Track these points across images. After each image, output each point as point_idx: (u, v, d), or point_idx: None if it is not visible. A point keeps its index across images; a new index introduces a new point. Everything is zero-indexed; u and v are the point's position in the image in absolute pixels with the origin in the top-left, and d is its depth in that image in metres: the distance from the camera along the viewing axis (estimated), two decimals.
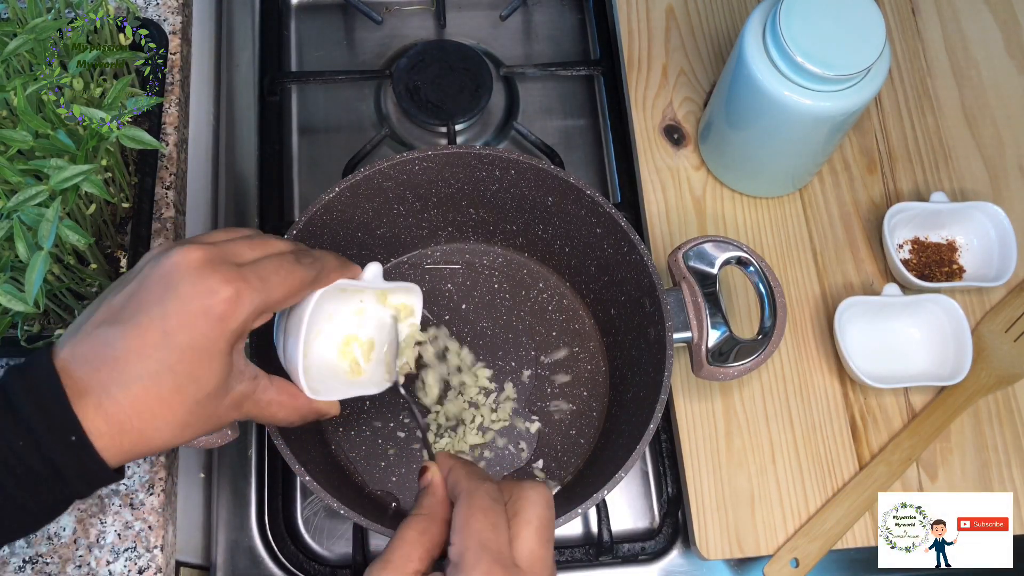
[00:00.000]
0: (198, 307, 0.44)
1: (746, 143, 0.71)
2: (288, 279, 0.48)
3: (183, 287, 0.44)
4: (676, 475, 0.72)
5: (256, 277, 0.46)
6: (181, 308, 0.44)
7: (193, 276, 0.44)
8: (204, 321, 0.44)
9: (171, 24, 0.76)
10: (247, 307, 0.45)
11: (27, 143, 0.54)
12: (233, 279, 0.45)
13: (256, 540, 0.69)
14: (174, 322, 0.44)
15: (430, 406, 0.70)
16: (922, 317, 0.72)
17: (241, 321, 0.45)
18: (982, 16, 0.86)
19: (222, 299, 0.44)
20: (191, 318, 0.44)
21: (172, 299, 0.44)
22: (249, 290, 0.45)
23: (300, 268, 0.50)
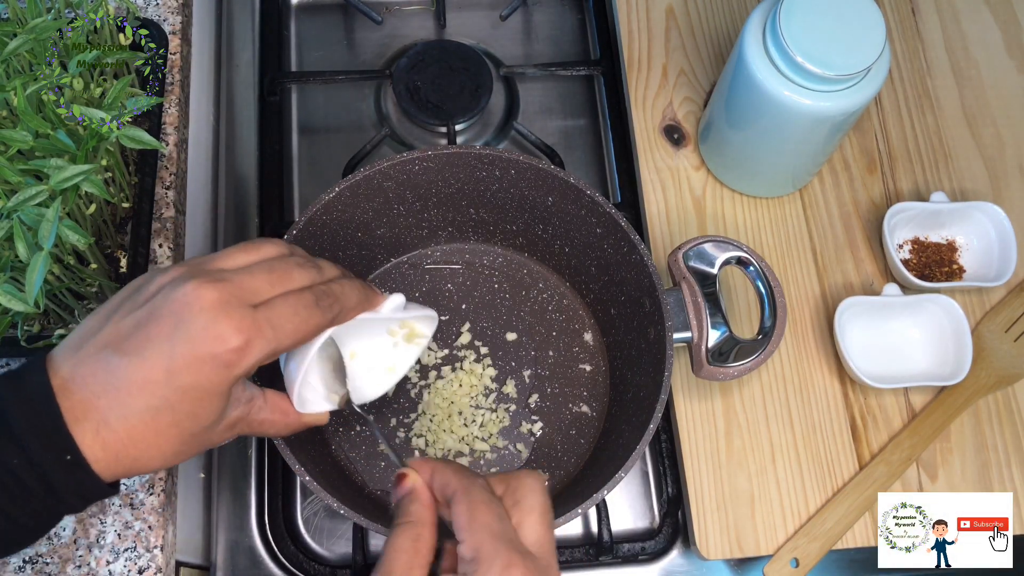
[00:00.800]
0: (206, 352, 0.44)
1: (746, 143, 0.71)
2: (302, 326, 0.48)
3: (193, 329, 0.44)
4: (676, 475, 0.72)
5: (269, 326, 0.46)
6: (189, 351, 0.44)
7: (205, 319, 0.44)
8: (210, 367, 0.44)
9: (171, 24, 0.76)
10: (255, 355, 0.45)
11: (27, 143, 0.54)
12: (246, 328, 0.44)
13: (256, 540, 0.69)
14: (180, 363, 0.44)
15: (429, 403, 0.70)
16: (922, 317, 0.72)
17: (247, 368, 0.45)
18: (982, 16, 0.86)
19: (231, 348, 0.44)
20: (198, 362, 0.44)
21: (181, 340, 0.44)
22: (260, 340, 0.45)
23: (318, 312, 0.49)
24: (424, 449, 0.69)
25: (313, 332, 0.49)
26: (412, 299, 0.73)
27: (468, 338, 0.72)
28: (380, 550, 0.69)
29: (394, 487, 0.47)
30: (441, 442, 0.69)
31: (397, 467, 0.47)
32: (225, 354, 0.44)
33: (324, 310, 0.49)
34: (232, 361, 0.44)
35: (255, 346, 0.45)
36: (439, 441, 0.69)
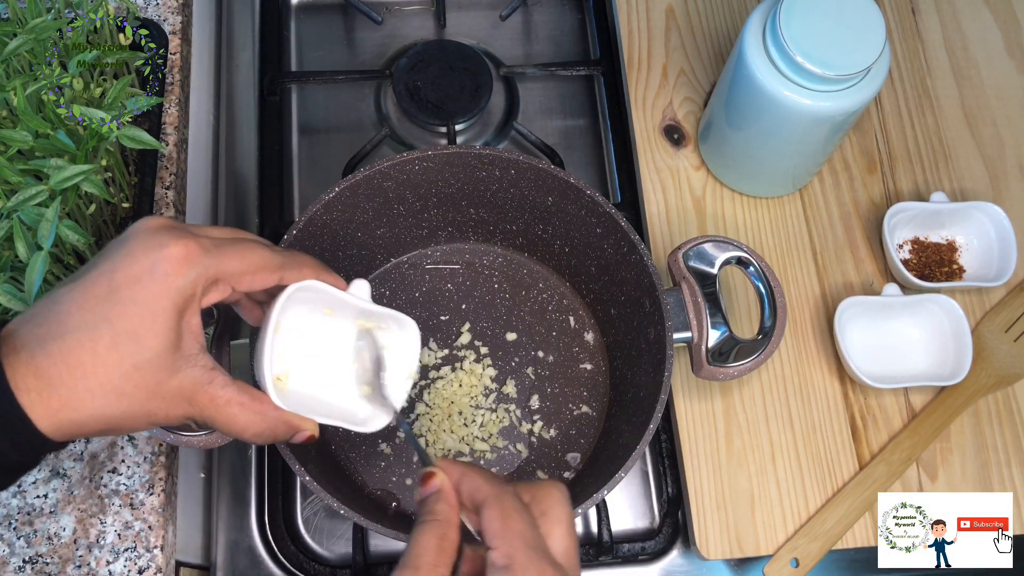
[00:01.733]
0: (146, 262, 0.43)
1: (746, 143, 0.71)
2: (246, 253, 0.46)
3: (135, 244, 0.44)
4: (676, 475, 0.72)
5: (211, 244, 0.45)
6: (130, 263, 0.43)
7: (147, 235, 0.44)
8: (150, 275, 0.43)
9: (171, 24, 0.76)
10: (196, 267, 0.44)
11: (27, 143, 0.54)
12: (185, 239, 0.44)
13: (256, 540, 0.69)
14: (120, 276, 0.43)
15: (429, 402, 0.70)
16: (922, 317, 0.72)
17: (188, 280, 0.44)
18: (982, 16, 0.86)
19: (169, 254, 0.43)
20: (138, 271, 0.43)
21: (123, 256, 0.43)
22: (199, 250, 0.44)
23: (263, 247, 0.48)
24: (424, 449, 0.69)
25: (258, 264, 0.47)
26: (412, 299, 0.73)
27: (468, 338, 0.72)
28: (380, 550, 0.70)
29: (420, 484, 0.46)
30: (441, 442, 0.69)
31: (425, 465, 0.47)
32: (163, 260, 0.43)
33: (272, 250, 0.48)
34: (171, 270, 0.43)
35: (194, 255, 0.44)
36: (439, 441, 0.69)
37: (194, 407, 0.46)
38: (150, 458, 0.64)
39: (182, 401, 0.45)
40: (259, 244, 0.48)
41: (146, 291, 0.43)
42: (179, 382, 0.45)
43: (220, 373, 0.47)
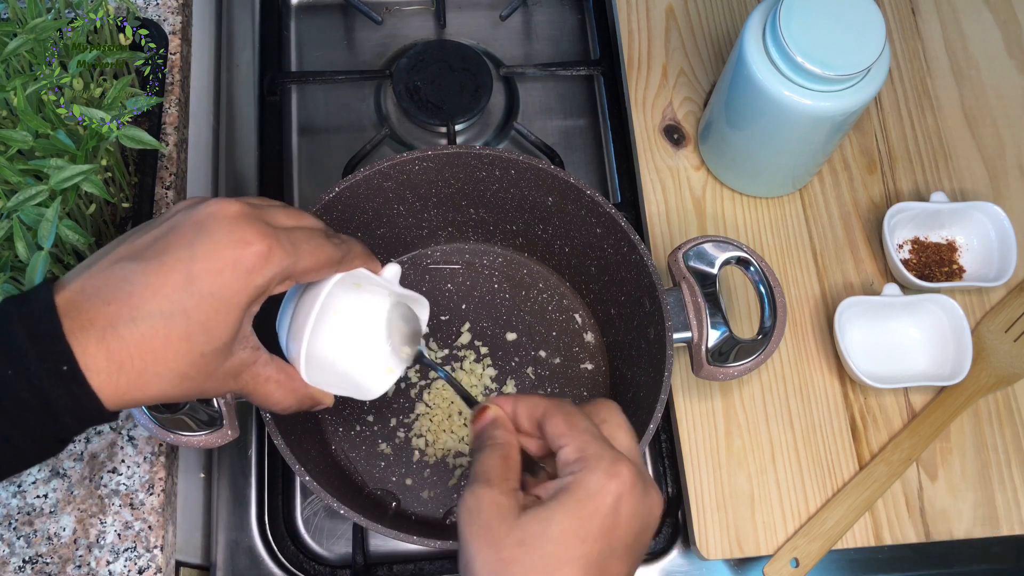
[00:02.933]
0: (229, 256, 0.43)
1: (746, 143, 0.71)
2: (317, 251, 0.48)
3: (218, 234, 0.44)
4: (676, 475, 0.72)
5: (288, 241, 0.46)
6: (211, 253, 0.43)
7: (230, 225, 0.44)
8: (232, 271, 0.43)
9: (171, 24, 0.76)
10: (276, 266, 0.45)
11: (27, 143, 0.54)
12: (267, 235, 0.44)
13: (256, 540, 0.69)
14: (201, 266, 0.43)
15: (429, 402, 0.70)
16: (922, 317, 0.72)
17: (267, 279, 0.45)
18: (982, 16, 0.86)
19: (254, 252, 0.44)
20: (220, 265, 0.43)
21: (204, 243, 0.43)
22: (280, 250, 0.45)
23: (330, 244, 0.49)
24: (424, 449, 0.69)
25: (326, 262, 0.49)
26: None
27: (468, 338, 0.72)
28: (380, 550, 0.70)
29: (473, 421, 0.48)
30: (441, 442, 0.69)
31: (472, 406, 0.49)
32: (247, 257, 0.43)
33: (335, 246, 0.50)
34: (254, 267, 0.44)
35: (276, 255, 0.45)
36: (439, 441, 0.69)
37: (238, 383, 0.48)
38: (150, 458, 0.64)
39: (230, 379, 0.47)
40: (323, 237, 0.49)
41: (226, 287, 0.43)
42: (231, 363, 0.46)
43: (263, 352, 0.49)
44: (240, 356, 0.47)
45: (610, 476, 0.41)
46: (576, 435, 0.43)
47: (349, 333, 0.56)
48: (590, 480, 0.41)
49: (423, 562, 0.69)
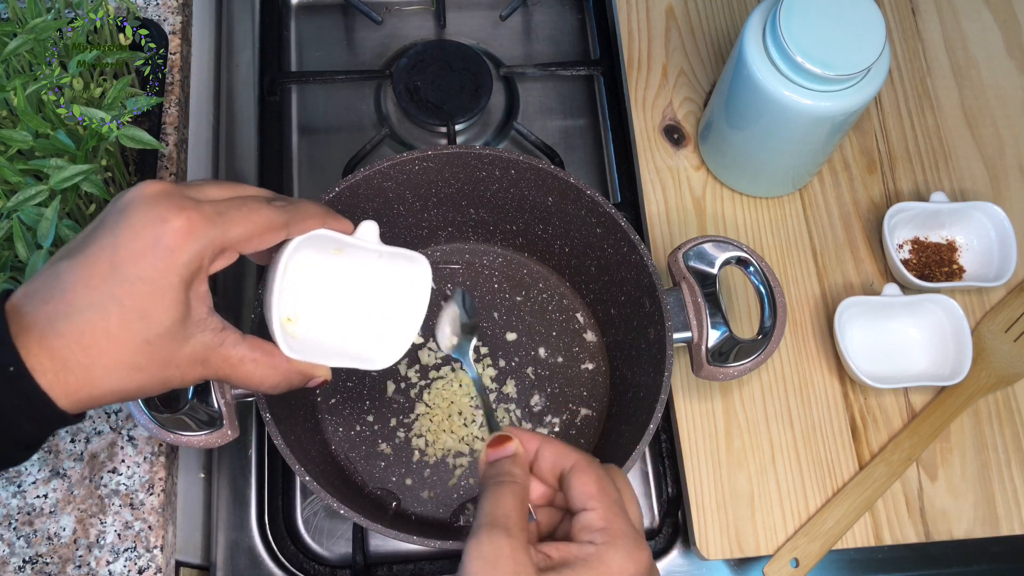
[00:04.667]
0: (148, 236, 0.42)
1: (746, 143, 0.71)
2: (251, 216, 0.45)
3: (135, 216, 0.43)
4: (676, 475, 0.72)
5: (214, 211, 0.44)
6: (131, 237, 0.42)
7: (147, 205, 0.43)
8: (153, 251, 0.42)
9: (171, 24, 0.76)
10: (199, 239, 0.43)
11: (27, 143, 0.54)
12: (186, 208, 0.43)
13: (256, 540, 0.69)
14: (123, 253, 0.42)
15: (429, 402, 0.70)
16: (922, 317, 0.72)
17: (193, 254, 0.43)
18: (982, 16, 0.86)
19: (172, 228, 0.42)
20: (141, 247, 0.42)
21: (124, 228, 0.42)
22: (203, 221, 0.43)
23: (268, 208, 0.46)
24: (424, 449, 0.69)
25: (264, 227, 0.46)
26: None
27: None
28: (380, 550, 0.70)
29: (490, 446, 0.46)
30: (441, 442, 0.69)
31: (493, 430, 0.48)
32: (166, 234, 0.42)
33: (277, 208, 0.47)
34: (175, 244, 0.42)
35: (198, 227, 0.43)
36: (439, 441, 0.69)
37: (208, 368, 0.46)
38: (150, 458, 0.64)
39: (196, 365, 0.45)
40: (262, 203, 0.47)
41: (151, 268, 0.42)
42: (192, 348, 0.45)
43: (231, 332, 0.47)
44: (201, 339, 0.45)
45: (632, 558, 0.41)
46: (606, 504, 0.43)
47: (336, 301, 0.54)
48: (613, 557, 0.41)
49: (423, 562, 0.69)
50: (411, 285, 0.56)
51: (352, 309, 0.55)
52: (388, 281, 0.55)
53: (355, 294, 0.55)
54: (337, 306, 0.54)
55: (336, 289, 0.54)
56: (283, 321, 0.50)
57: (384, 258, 0.55)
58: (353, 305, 0.55)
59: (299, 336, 0.51)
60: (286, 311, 0.51)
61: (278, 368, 0.49)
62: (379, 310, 0.55)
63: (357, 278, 0.55)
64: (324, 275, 0.53)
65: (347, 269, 0.54)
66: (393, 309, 0.56)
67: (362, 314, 0.55)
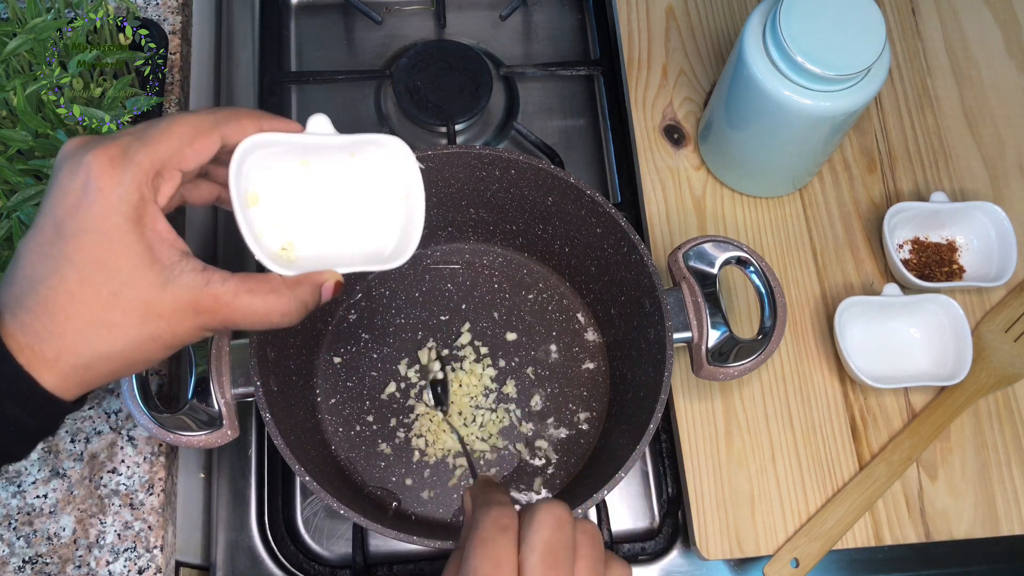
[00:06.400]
0: (77, 185, 0.40)
1: (746, 143, 0.71)
2: (171, 127, 0.42)
3: (61, 173, 0.41)
4: (676, 475, 0.72)
5: (131, 137, 0.42)
6: (63, 193, 0.41)
7: (69, 160, 0.41)
8: (84, 198, 0.40)
9: (171, 24, 0.76)
10: (125, 168, 0.41)
11: (27, 143, 0.54)
12: (103, 145, 0.41)
13: (256, 540, 0.69)
14: (60, 211, 0.41)
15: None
16: (922, 317, 0.72)
17: (124, 186, 0.40)
18: (982, 16, 0.86)
19: (94, 168, 0.40)
20: (74, 199, 0.40)
21: (55, 189, 0.41)
22: (121, 150, 0.41)
23: (189, 115, 0.44)
24: (424, 449, 0.69)
25: (190, 133, 0.43)
26: (412, 299, 0.73)
27: (468, 338, 0.72)
28: (380, 550, 0.70)
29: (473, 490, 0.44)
30: (441, 442, 0.69)
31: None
32: (91, 178, 0.40)
33: (200, 113, 0.44)
34: (101, 183, 0.40)
35: (118, 159, 0.41)
36: (439, 441, 0.69)
37: (202, 315, 0.43)
38: (150, 458, 0.64)
39: (186, 313, 0.43)
40: (186, 114, 0.44)
41: (88, 215, 0.40)
42: (172, 295, 0.42)
43: (215, 271, 0.44)
44: (181, 283, 0.42)
45: None
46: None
47: (327, 213, 0.50)
48: None
49: (423, 562, 0.69)
50: (396, 170, 0.52)
51: (347, 214, 0.51)
52: (372, 174, 0.51)
53: (344, 199, 0.51)
54: (330, 217, 0.50)
55: (322, 200, 0.50)
56: (278, 252, 0.47)
57: (356, 154, 0.51)
58: (347, 210, 0.51)
59: (299, 258, 0.48)
60: (277, 238, 0.48)
61: (280, 291, 0.45)
62: (376, 205, 0.51)
63: (338, 182, 0.51)
64: (303, 190, 0.50)
65: (324, 176, 0.50)
66: (390, 200, 0.52)
67: (360, 216, 0.51)
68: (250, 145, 0.46)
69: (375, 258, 0.51)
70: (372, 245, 0.51)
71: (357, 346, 0.71)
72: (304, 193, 0.50)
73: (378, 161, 0.51)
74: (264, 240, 0.48)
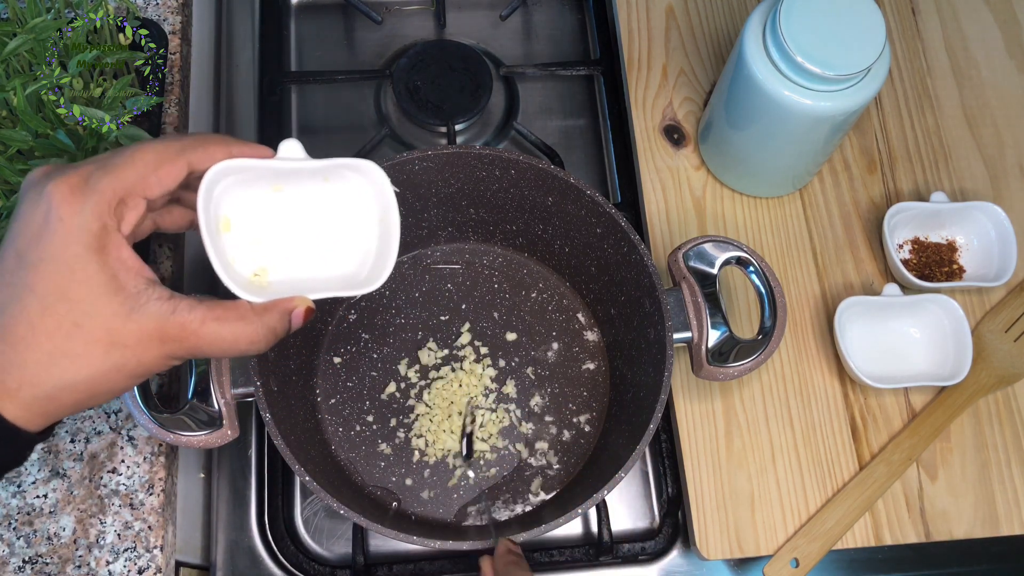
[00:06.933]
0: (39, 215, 0.40)
1: (746, 143, 0.71)
2: (136, 155, 0.42)
3: (25, 203, 0.41)
4: (676, 475, 0.72)
5: (95, 166, 0.41)
6: (26, 223, 0.40)
7: (31, 189, 0.41)
8: (46, 228, 0.40)
9: (171, 24, 0.76)
10: (86, 196, 0.40)
11: (27, 143, 0.54)
12: (65, 174, 0.40)
13: (256, 540, 0.69)
14: (21, 241, 0.40)
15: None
16: (922, 317, 0.72)
17: (85, 214, 0.40)
18: (982, 16, 0.86)
19: (55, 197, 0.40)
20: (36, 229, 0.40)
21: (18, 220, 0.41)
22: (82, 179, 0.40)
23: (155, 143, 0.43)
24: (424, 449, 0.69)
25: (154, 161, 0.42)
26: (412, 299, 0.73)
27: (468, 338, 0.72)
28: (380, 550, 0.70)
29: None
30: (441, 442, 0.69)
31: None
32: (52, 207, 0.40)
33: (166, 141, 0.44)
34: (62, 212, 0.40)
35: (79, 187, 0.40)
36: (439, 441, 0.69)
37: (168, 343, 0.42)
38: (150, 458, 0.64)
39: (152, 342, 0.42)
40: (152, 141, 0.44)
41: (50, 245, 0.40)
42: (137, 324, 0.41)
43: (181, 299, 0.43)
44: (146, 312, 0.41)
45: None
46: None
47: (300, 239, 0.50)
48: None
49: (423, 562, 0.69)
50: (373, 195, 0.51)
51: (321, 239, 0.50)
52: (346, 198, 0.51)
53: (318, 223, 0.50)
54: (304, 241, 0.49)
55: (295, 225, 0.50)
56: (250, 277, 0.47)
57: (330, 178, 0.50)
58: (320, 234, 0.50)
59: (271, 284, 0.48)
60: (250, 263, 0.48)
61: (247, 319, 0.44)
62: (351, 229, 0.51)
63: (312, 206, 0.50)
64: (276, 215, 0.49)
65: (297, 201, 0.49)
66: (364, 224, 0.51)
67: (334, 240, 0.50)
68: (220, 171, 0.45)
69: (350, 282, 0.50)
70: (347, 269, 0.51)
71: (357, 346, 0.72)
72: (277, 218, 0.49)
73: (352, 185, 0.51)
74: (236, 266, 0.47)
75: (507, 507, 0.68)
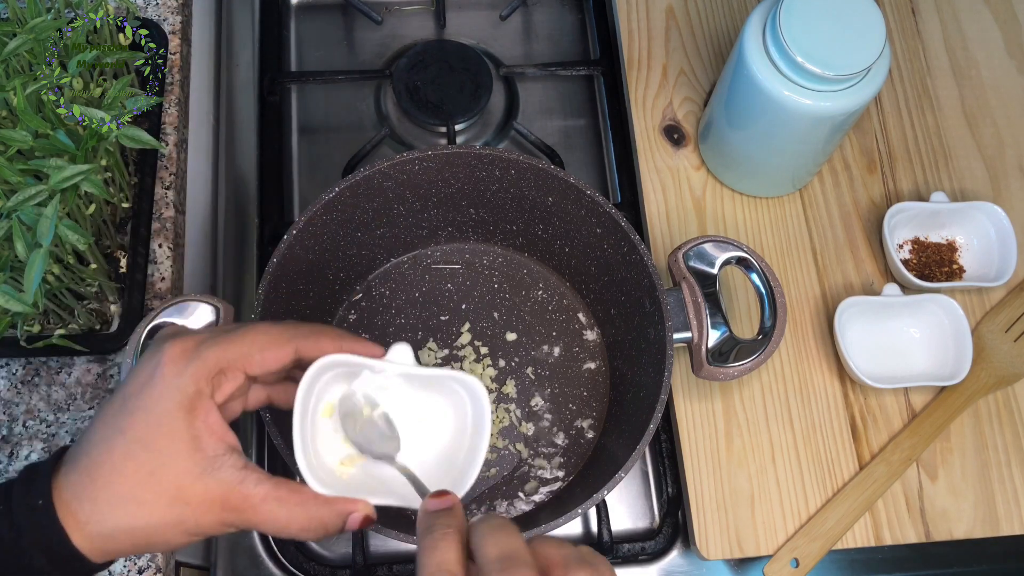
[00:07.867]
0: (149, 368, 0.44)
1: (746, 143, 0.71)
2: (248, 333, 0.45)
3: (144, 355, 0.45)
4: (676, 475, 0.72)
5: (210, 335, 0.45)
6: (137, 373, 0.44)
7: (155, 344, 0.45)
8: (151, 381, 0.43)
9: (171, 24, 0.76)
10: (192, 362, 0.43)
11: (27, 143, 0.54)
12: (182, 338, 0.45)
13: (256, 540, 0.69)
14: (130, 388, 0.44)
15: None
16: (922, 317, 0.72)
17: (188, 377, 0.43)
18: (982, 16, 0.86)
19: (166, 356, 0.44)
20: (143, 380, 0.44)
21: (136, 366, 0.45)
22: (195, 344, 0.44)
23: (270, 325, 0.46)
24: None
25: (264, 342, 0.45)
26: (412, 299, 0.73)
27: (468, 338, 0.72)
28: (380, 550, 0.70)
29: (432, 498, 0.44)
30: None
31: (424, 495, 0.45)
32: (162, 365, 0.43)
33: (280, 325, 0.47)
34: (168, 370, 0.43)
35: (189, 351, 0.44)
36: None
37: (228, 511, 0.44)
38: None
39: (213, 506, 0.43)
40: (267, 323, 0.47)
41: (149, 396, 0.43)
42: (205, 485, 0.43)
43: (253, 471, 0.44)
44: (217, 477, 0.43)
45: None
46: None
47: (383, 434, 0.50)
48: None
49: None
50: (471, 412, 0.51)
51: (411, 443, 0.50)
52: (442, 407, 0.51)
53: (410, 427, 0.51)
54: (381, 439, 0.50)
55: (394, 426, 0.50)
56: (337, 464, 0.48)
57: (434, 387, 0.51)
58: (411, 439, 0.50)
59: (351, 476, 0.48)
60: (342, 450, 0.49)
61: (306, 506, 0.45)
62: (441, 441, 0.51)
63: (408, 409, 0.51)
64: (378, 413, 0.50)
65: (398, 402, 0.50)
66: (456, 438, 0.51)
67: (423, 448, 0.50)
68: (327, 364, 0.47)
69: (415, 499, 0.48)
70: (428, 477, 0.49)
71: None
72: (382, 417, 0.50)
73: (453, 398, 0.51)
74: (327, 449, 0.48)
75: (507, 507, 0.67)
